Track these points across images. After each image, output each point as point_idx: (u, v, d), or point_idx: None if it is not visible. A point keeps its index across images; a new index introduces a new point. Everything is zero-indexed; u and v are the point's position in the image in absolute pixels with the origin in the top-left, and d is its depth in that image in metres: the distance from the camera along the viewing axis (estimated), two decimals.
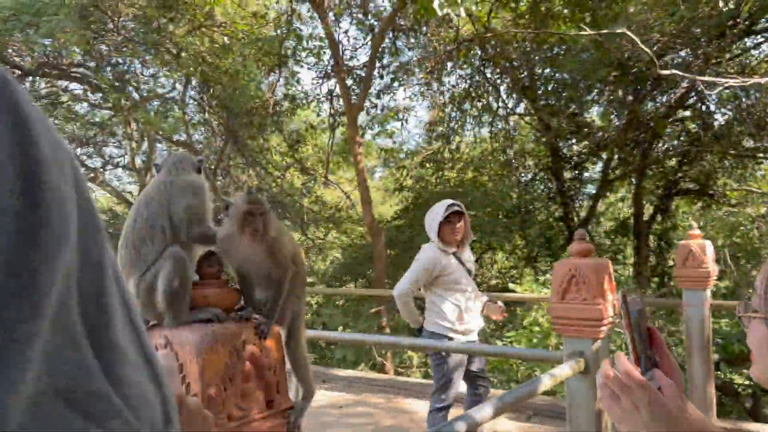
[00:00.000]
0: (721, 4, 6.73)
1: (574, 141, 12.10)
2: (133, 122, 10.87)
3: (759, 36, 8.94)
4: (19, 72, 10.47)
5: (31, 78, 11.90)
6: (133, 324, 0.43)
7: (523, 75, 10.92)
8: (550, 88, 11.32)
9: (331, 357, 9.63)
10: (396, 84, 11.62)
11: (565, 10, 7.96)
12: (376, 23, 10.41)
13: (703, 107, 9.90)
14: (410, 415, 6.32)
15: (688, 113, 10.72)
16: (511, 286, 8.48)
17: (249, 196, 1.69)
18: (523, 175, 13.58)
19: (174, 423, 0.43)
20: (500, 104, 11.75)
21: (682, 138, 11.01)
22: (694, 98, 9.74)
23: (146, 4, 8.95)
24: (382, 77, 11.39)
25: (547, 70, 11.08)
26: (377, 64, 10.85)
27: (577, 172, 12.52)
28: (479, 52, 10.48)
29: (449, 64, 11.70)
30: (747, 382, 6.94)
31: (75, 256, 0.36)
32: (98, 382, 0.35)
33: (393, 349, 9.44)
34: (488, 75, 11.45)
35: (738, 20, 7.58)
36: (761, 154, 9.86)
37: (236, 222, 1.67)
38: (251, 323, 1.69)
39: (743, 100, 8.73)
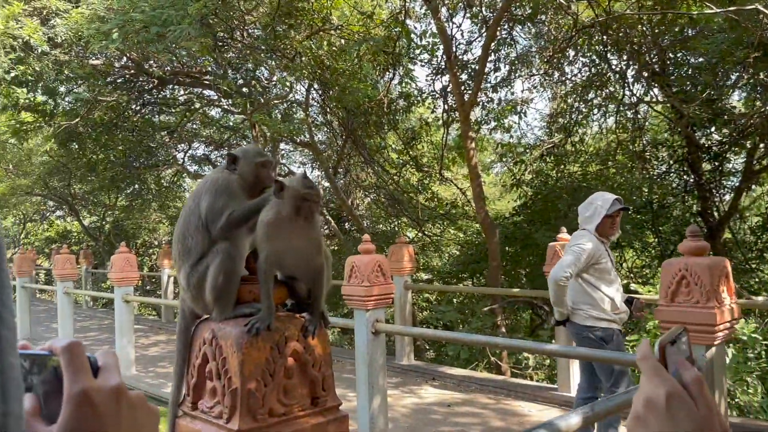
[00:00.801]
0: None
1: (712, 129, 11.11)
2: (257, 125, 11.46)
3: None
4: (156, 81, 11.41)
5: (170, 86, 12.96)
6: None
7: (651, 60, 10.16)
8: (683, 73, 10.45)
9: (445, 355, 9.55)
10: (512, 76, 11.28)
11: None
12: (489, 15, 10.15)
13: None
14: (520, 417, 6.11)
15: None
16: (632, 286, 7.91)
17: (305, 181, 1.68)
18: (655, 167, 12.70)
19: None
20: (627, 92, 11.02)
21: None
22: None
23: (268, 11, 9.38)
24: (497, 69, 11.11)
25: (679, 54, 10.22)
26: (492, 57, 10.59)
27: (716, 163, 11.47)
28: (602, 38, 9.88)
29: (570, 53, 11.18)
30: None
31: None
32: None
33: (508, 350, 9.18)
34: (613, 62, 10.78)
35: None
36: None
37: (291, 205, 1.66)
38: (298, 320, 1.69)
39: None
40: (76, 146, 13.32)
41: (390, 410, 5.83)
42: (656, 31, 9.34)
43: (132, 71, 11.57)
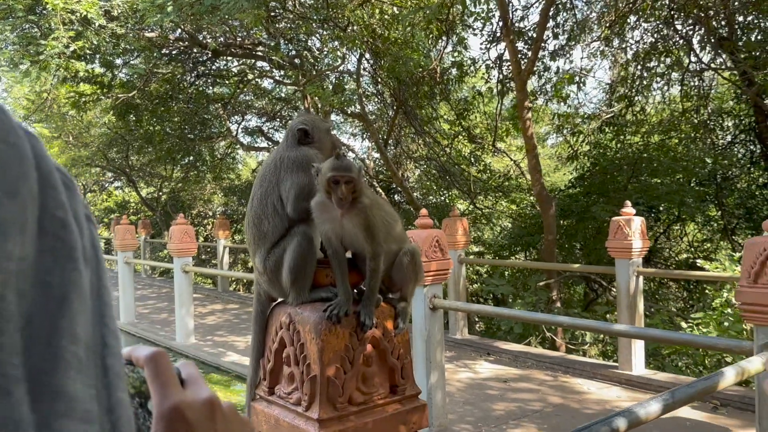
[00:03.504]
0: None
1: None
2: (309, 96, 11.43)
3: None
4: (209, 53, 11.46)
5: (223, 58, 13.01)
6: (105, 368, 0.36)
7: (719, 25, 9.62)
8: (753, 38, 9.87)
9: (497, 329, 9.46)
10: (571, 43, 10.87)
11: None
12: None
13: None
14: (580, 395, 6.00)
15: None
16: (699, 262, 7.60)
17: (335, 162, 1.59)
18: (720, 137, 12.14)
19: None
20: (692, 59, 10.49)
21: None
22: None
23: None
24: (556, 36, 10.71)
25: (750, 18, 9.63)
26: (550, 24, 10.21)
27: None
28: (666, 2, 9.40)
29: (632, 18, 10.69)
30: None
31: (26, 287, 0.31)
32: None
33: (572, 328, 9.01)
34: (678, 27, 10.25)
35: None
36: None
37: (324, 189, 1.60)
38: (383, 307, 1.63)
39: None
40: (134, 118, 13.58)
41: (446, 385, 5.81)
42: None
43: (186, 43, 11.66)
